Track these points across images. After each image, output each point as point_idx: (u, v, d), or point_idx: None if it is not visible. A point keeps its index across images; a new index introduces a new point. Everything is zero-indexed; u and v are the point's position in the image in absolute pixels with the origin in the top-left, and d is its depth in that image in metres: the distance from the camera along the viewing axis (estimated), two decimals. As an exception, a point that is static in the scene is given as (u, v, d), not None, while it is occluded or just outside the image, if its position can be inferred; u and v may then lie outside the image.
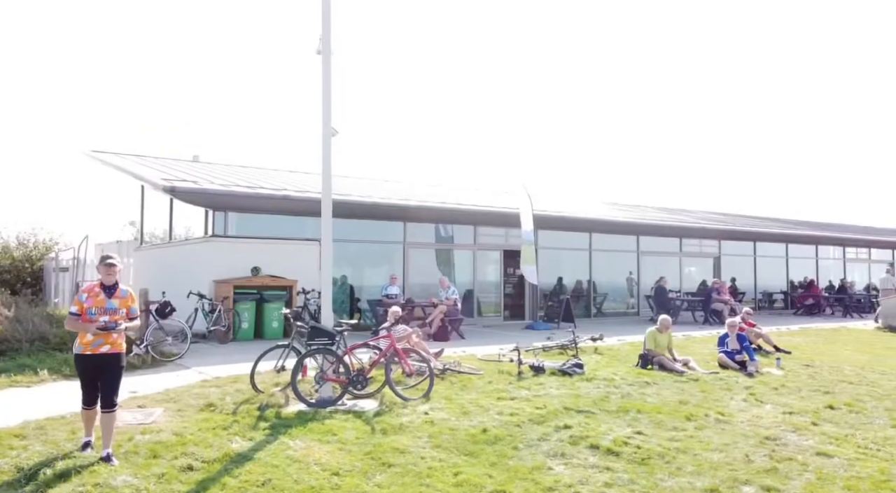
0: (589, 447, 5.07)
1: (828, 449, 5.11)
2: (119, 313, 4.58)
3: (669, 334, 9.10)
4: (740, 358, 8.87)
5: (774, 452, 5.03)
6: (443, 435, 5.30)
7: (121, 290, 4.65)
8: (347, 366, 6.45)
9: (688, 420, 5.89)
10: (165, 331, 8.88)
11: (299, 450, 4.84)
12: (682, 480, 4.41)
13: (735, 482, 4.38)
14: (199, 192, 10.93)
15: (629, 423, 5.76)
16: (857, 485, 4.34)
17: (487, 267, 16.66)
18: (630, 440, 5.24)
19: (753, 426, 5.76)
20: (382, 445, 5.01)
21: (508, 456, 4.87)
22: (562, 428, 5.53)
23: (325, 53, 6.61)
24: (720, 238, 21.52)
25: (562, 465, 4.71)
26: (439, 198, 15.09)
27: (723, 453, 4.97)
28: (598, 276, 18.95)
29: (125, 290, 4.68)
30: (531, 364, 7.97)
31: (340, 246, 14.66)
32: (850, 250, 27.09)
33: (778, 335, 13.35)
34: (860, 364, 9.60)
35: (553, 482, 4.35)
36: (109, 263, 4.60)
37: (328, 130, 6.66)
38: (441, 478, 4.40)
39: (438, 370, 7.60)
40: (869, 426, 5.91)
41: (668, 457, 4.85)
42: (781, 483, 4.37)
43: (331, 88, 6.65)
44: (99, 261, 4.68)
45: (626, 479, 4.43)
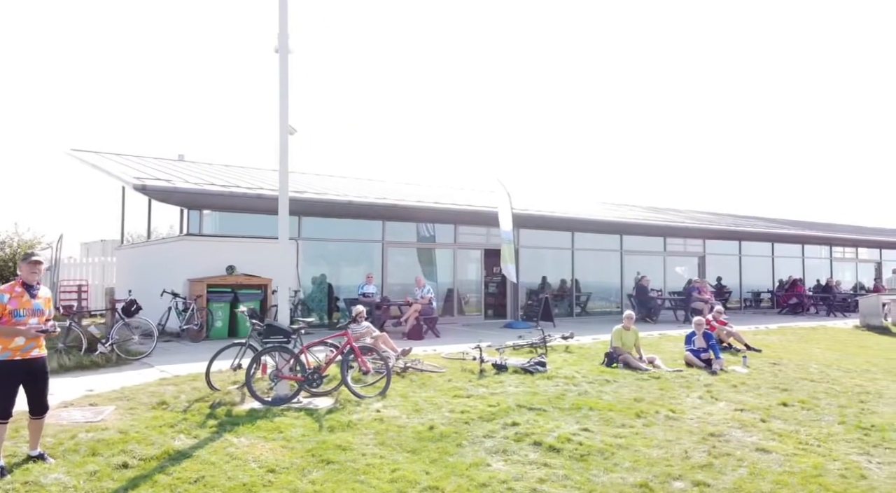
0: (532, 444, 5.10)
1: (768, 445, 5.15)
2: (46, 314, 4.46)
3: (635, 332, 9.13)
4: (706, 356, 8.92)
5: (715, 448, 5.07)
6: (389, 433, 5.32)
7: (42, 289, 4.48)
8: (303, 364, 6.46)
9: (637, 417, 5.92)
10: (132, 329, 8.87)
11: (242, 447, 4.86)
12: (616, 475, 4.45)
13: (668, 478, 4.41)
14: (171, 190, 10.92)
15: (578, 420, 5.79)
16: (787, 480, 4.38)
17: (468, 266, 16.69)
18: (575, 436, 5.27)
19: (702, 423, 5.80)
20: (326, 442, 5.03)
21: (450, 453, 4.89)
22: (509, 425, 5.55)
23: (283, 51, 6.61)
24: (704, 237, 21.60)
25: (501, 461, 4.74)
26: (417, 197, 15.09)
27: (663, 449, 5.01)
28: (584, 275, 19.01)
29: (45, 289, 4.54)
30: (494, 363, 7.99)
31: (320, 245, 14.73)
32: (837, 250, 27.17)
33: (754, 334, 13.42)
34: (827, 362, 9.66)
35: (488, 479, 4.38)
36: (36, 260, 4.43)
37: (285, 128, 6.68)
38: (377, 475, 4.42)
39: (399, 369, 7.62)
40: (817, 422, 5.95)
41: (608, 453, 4.88)
42: (713, 478, 4.41)
43: (288, 86, 6.66)
44: (23, 258, 4.49)
45: (561, 475, 4.46)
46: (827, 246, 26.48)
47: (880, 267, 28.84)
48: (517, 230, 16.99)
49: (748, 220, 26.64)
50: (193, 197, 11.52)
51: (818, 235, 24.90)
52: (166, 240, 13.15)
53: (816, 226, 28.96)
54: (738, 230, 21.50)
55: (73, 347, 8.29)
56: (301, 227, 13.69)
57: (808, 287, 23.60)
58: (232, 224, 13.28)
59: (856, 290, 26.20)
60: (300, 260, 13.52)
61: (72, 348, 8.24)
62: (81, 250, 22.61)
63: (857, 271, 28.36)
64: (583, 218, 17.28)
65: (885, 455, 4.99)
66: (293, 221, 13.83)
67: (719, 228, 20.95)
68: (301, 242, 13.55)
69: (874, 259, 29.10)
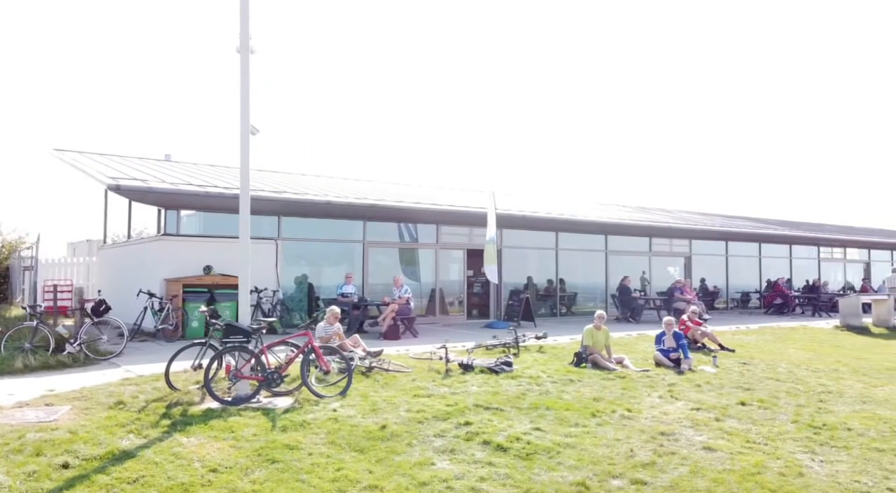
0: (481, 444, 5.13)
1: (716, 444, 5.18)
2: None
3: (606, 332, 9.16)
4: (675, 356, 8.95)
5: (662, 447, 5.09)
6: (341, 432, 5.34)
7: None
8: (263, 364, 6.48)
9: (593, 417, 5.95)
10: (101, 329, 8.87)
11: (190, 447, 4.87)
12: (557, 474, 4.47)
13: (607, 476, 4.44)
14: (145, 190, 10.92)
15: (533, 420, 5.81)
16: (725, 478, 4.40)
17: (451, 266, 16.71)
18: (525, 436, 5.29)
19: (655, 422, 5.82)
20: (276, 442, 5.04)
21: (398, 452, 4.91)
22: (462, 425, 5.57)
23: (244, 51, 6.62)
24: (690, 237, 21.64)
25: (447, 461, 4.76)
26: (398, 197, 15.10)
27: (610, 448, 5.03)
28: (570, 275, 19.05)
29: None
30: (460, 363, 8.01)
31: (301, 245, 14.73)
32: (825, 250, 27.22)
33: (732, 334, 13.49)
34: (798, 362, 9.70)
35: (429, 477, 4.40)
36: None
37: (246, 128, 6.68)
38: (320, 474, 4.44)
39: (365, 369, 7.64)
40: (771, 421, 5.98)
41: (554, 452, 4.90)
42: (652, 476, 4.43)
43: (249, 86, 6.67)
44: None
45: (503, 474, 4.48)
46: (815, 246, 26.53)
47: (869, 267, 28.93)
48: (500, 231, 17.05)
49: (736, 220, 26.70)
50: (170, 197, 11.52)
51: (805, 236, 24.97)
52: (144, 240, 13.15)
53: (804, 226, 29.05)
54: (722, 230, 21.55)
55: (39, 347, 8.28)
56: (281, 227, 13.70)
57: (796, 288, 23.68)
58: (216, 224, 13.33)
59: (844, 290, 26.30)
60: (280, 260, 13.53)
61: (39, 349, 8.23)
62: (68, 250, 22.57)
63: (845, 271, 28.42)
64: (566, 218, 17.31)
65: (830, 454, 5.03)
66: (272, 221, 13.86)
67: (703, 228, 21.00)
68: (281, 242, 13.57)
69: (863, 259, 29.18)
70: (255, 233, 13.75)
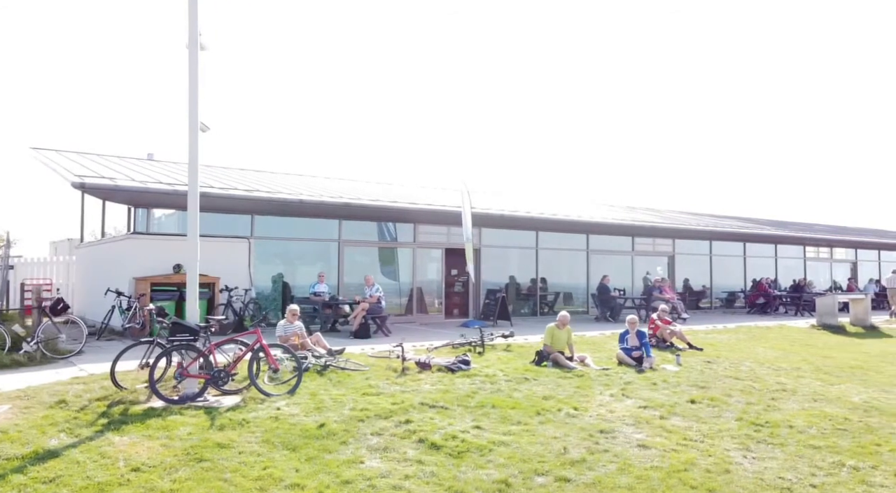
0: (416, 442, 5.10)
1: (652, 442, 5.16)
2: None
3: (568, 330, 9.14)
4: (637, 354, 8.94)
5: (597, 444, 5.07)
6: (279, 430, 5.31)
7: None
8: (210, 362, 6.44)
9: (537, 415, 5.92)
10: (60, 328, 8.82)
11: (119, 447, 4.83)
12: (483, 472, 4.45)
13: (533, 474, 4.42)
14: (111, 188, 10.86)
15: (476, 418, 5.79)
16: (649, 474, 4.39)
17: (429, 265, 16.68)
18: (463, 434, 5.26)
19: (599, 420, 5.80)
20: (209, 440, 5.01)
21: (331, 450, 4.88)
22: (402, 423, 5.55)
23: (192, 47, 6.58)
24: (673, 237, 21.64)
25: (377, 459, 4.73)
26: (373, 196, 15.06)
27: (544, 446, 5.01)
28: (555, 275, 19.04)
29: None
30: (417, 361, 7.98)
31: (277, 243, 14.67)
32: (811, 250, 27.25)
33: (706, 333, 13.48)
34: (763, 361, 9.70)
35: (354, 475, 4.37)
36: None
37: (195, 125, 6.64)
38: (245, 473, 4.41)
39: (321, 367, 7.61)
40: (715, 419, 5.97)
41: (486, 450, 4.88)
42: (577, 474, 4.41)
43: (198, 83, 6.63)
44: None
45: (429, 472, 4.45)
46: (801, 246, 26.55)
47: (856, 267, 28.98)
48: (479, 230, 17.03)
49: (723, 219, 26.69)
50: (138, 195, 11.47)
51: (791, 235, 24.97)
52: (115, 239, 13.10)
53: (791, 226, 29.07)
54: (706, 230, 21.51)
55: (-5, 346, 8.23)
56: (254, 225, 13.66)
57: (784, 287, 23.71)
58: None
59: (831, 290, 26.34)
60: (254, 259, 13.49)
61: (-6, 348, 8.18)
62: (50, 249, 22.51)
63: (831, 270, 28.45)
64: (545, 218, 17.27)
65: (764, 451, 5.01)
66: (246, 219, 13.81)
67: (685, 227, 20.97)
68: (254, 240, 13.52)
69: (850, 259, 29.22)
70: (229, 231, 13.87)
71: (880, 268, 29.35)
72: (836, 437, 5.42)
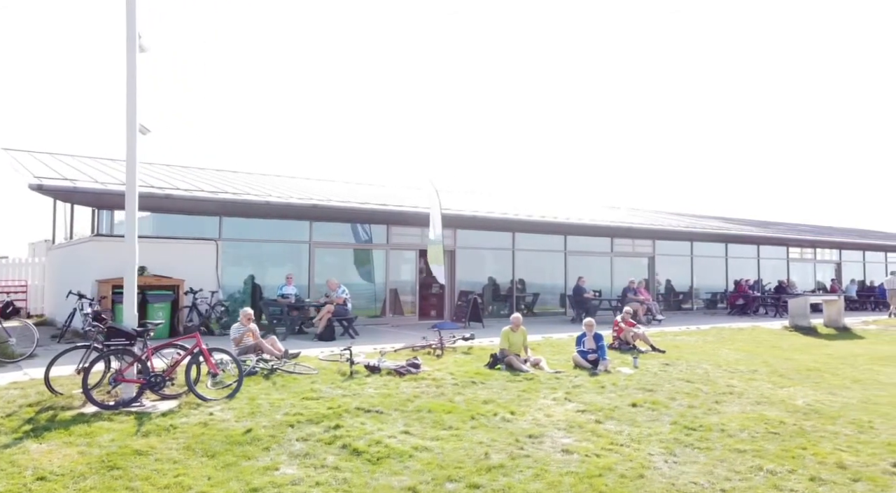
0: (339, 448, 5.06)
1: (577, 446, 5.13)
2: None
3: (523, 332, 9.11)
4: (593, 357, 8.92)
5: (522, 449, 5.04)
6: (204, 436, 5.25)
7: None
8: (147, 366, 6.38)
9: (471, 419, 5.89)
10: (9, 332, 8.74)
11: (35, 454, 4.78)
12: (395, 479, 4.41)
13: (445, 480, 4.38)
14: (70, 189, 10.78)
15: (409, 423, 5.75)
16: (562, 480, 4.36)
17: (402, 267, 16.64)
18: (389, 439, 5.22)
19: (532, 425, 5.77)
20: (128, 447, 4.95)
21: (250, 457, 4.84)
22: (332, 428, 5.50)
23: (131, 49, 6.52)
24: (652, 238, 21.62)
25: (295, 466, 4.69)
26: (344, 197, 15.00)
27: (467, 451, 4.97)
28: (535, 276, 19.02)
29: None
30: (367, 364, 7.94)
31: (247, 245, 14.59)
32: (795, 250, 27.29)
33: (675, 335, 13.46)
34: (722, 363, 9.68)
35: (264, 483, 4.33)
36: None
37: (133, 127, 6.58)
38: (155, 481, 4.36)
39: (268, 371, 7.56)
40: (651, 422, 5.94)
41: (407, 456, 4.84)
42: (490, 480, 4.38)
43: (136, 84, 6.56)
44: None
45: (342, 479, 4.41)
46: (784, 247, 26.59)
47: (840, 268, 29.06)
48: (453, 231, 17.00)
49: (708, 221, 26.68)
50: (98, 197, 11.38)
51: (772, 236, 25.01)
52: (80, 241, 13.01)
53: (774, 226, 29.12)
54: (685, 231, 21.49)
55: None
56: (222, 227, 13.58)
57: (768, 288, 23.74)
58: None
59: (814, 290, 26.40)
60: (221, 261, 13.43)
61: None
62: (28, 250, 22.39)
63: (815, 271, 28.50)
64: (521, 219, 17.25)
65: (688, 455, 4.98)
66: (214, 221, 13.73)
67: (664, 228, 20.95)
68: (222, 242, 13.45)
69: (833, 260, 29.29)
70: (196, 233, 13.80)
71: (864, 268, 29.46)
72: (766, 441, 5.40)
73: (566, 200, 34.38)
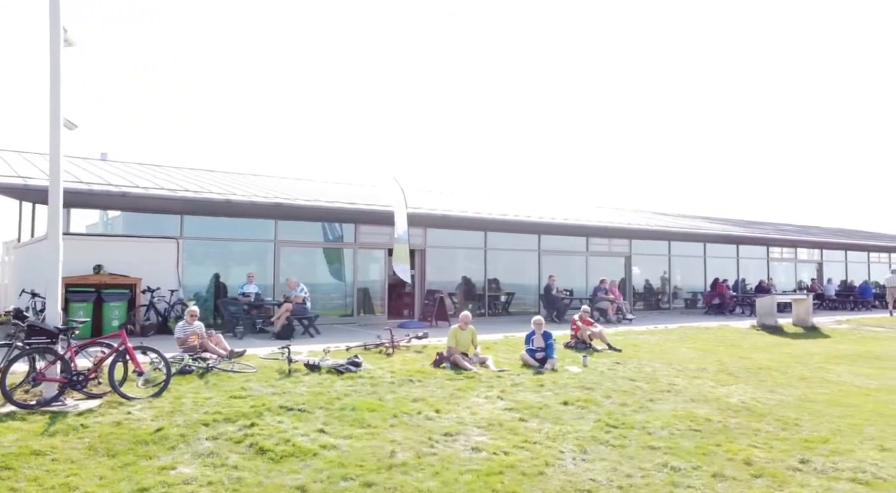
0: (246, 447, 4.98)
1: (489, 444, 5.07)
2: None
3: (472, 331, 9.05)
4: (541, 355, 8.86)
5: (432, 448, 4.97)
6: (112, 436, 5.17)
7: None
8: (69, 365, 6.28)
9: (393, 417, 5.82)
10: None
11: (-71, 453, 4.67)
12: (289, 477, 4.34)
13: (340, 479, 4.31)
14: (21, 188, 10.65)
15: (328, 421, 5.67)
16: (459, 478, 4.31)
17: (371, 266, 16.55)
18: (300, 438, 5.15)
19: (454, 423, 5.70)
20: (28, 448, 4.86)
21: (151, 457, 4.75)
22: (247, 427, 5.42)
23: (55, 44, 6.43)
24: (629, 237, 21.59)
25: (194, 465, 4.60)
26: (310, 195, 14.90)
27: (374, 450, 4.90)
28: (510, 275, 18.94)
29: None
30: (306, 363, 7.85)
31: (212, 244, 14.47)
32: (776, 250, 27.32)
33: (638, 334, 13.40)
34: (675, 361, 9.64)
35: (155, 483, 4.25)
36: None
37: (57, 122, 6.48)
38: (43, 482, 4.27)
39: (203, 369, 7.46)
40: (576, 420, 5.88)
41: (311, 455, 4.77)
42: (387, 479, 4.31)
43: (60, 79, 6.46)
44: None
45: (236, 478, 4.34)
46: (764, 246, 26.61)
47: (821, 267, 29.12)
48: (424, 230, 16.93)
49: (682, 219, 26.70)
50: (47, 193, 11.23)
51: (751, 236, 25.01)
52: (37, 239, 12.88)
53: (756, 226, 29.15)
54: (659, 230, 21.46)
55: None
56: (184, 226, 13.46)
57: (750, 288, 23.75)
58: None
59: (795, 290, 26.46)
60: (184, 259, 13.31)
61: None
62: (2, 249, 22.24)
63: (796, 271, 28.56)
64: (493, 218, 17.17)
65: (599, 452, 4.93)
66: (174, 219, 13.61)
67: (639, 228, 20.89)
68: (183, 240, 13.33)
69: (815, 259, 29.36)
70: (157, 232, 13.67)
71: (846, 268, 29.54)
72: (684, 438, 5.35)
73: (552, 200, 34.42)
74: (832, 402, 6.97)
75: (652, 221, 23.97)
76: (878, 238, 32.89)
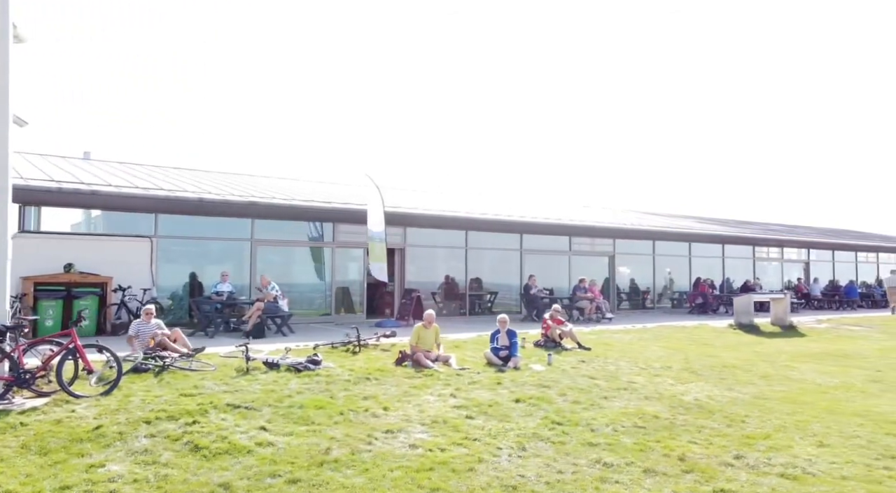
0: (183, 444, 4.95)
1: (427, 442, 5.05)
2: None
3: (436, 329, 9.03)
4: (504, 354, 8.85)
5: (368, 445, 4.95)
6: (49, 434, 5.13)
7: None
8: (16, 363, 6.23)
9: (339, 415, 5.80)
10: None
11: None
12: (217, 475, 4.32)
13: (267, 476, 4.28)
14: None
15: (273, 419, 5.65)
16: (388, 474, 4.31)
17: (350, 265, 16.51)
18: (239, 435, 5.12)
19: (399, 421, 5.68)
20: (-41, 445, 4.81)
21: (84, 455, 4.72)
22: (189, 424, 5.39)
23: (3, 39, 6.38)
24: (613, 237, 21.59)
25: (126, 463, 4.57)
26: (288, 194, 14.87)
27: (310, 447, 4.88)
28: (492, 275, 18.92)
29: None
30: (266, 361, 7.82)
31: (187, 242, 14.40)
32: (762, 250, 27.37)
33: (612, 333, 13.41)
34: (642, 360, 9.63)
35: (79, 481, 4.22)
36: None
37: (6, 119, 6.42)
38: (-33, 478, 4.22)
39: (158, 367, 7.42)
40: (523, 418, 5.87)
41: (245, 452, 4.74)
42: (314, 475, 4.29)
43: (8, 74, 6.41)
44: None
45: (163, 475, 4.31)
46: (750, 246, 26.64)
47: (808, 267, 29.20)
48: (403, 229, 16.90)
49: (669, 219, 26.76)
50: (22, 193, 11.18)
51: (736, 235, 25.06)
52: (9, 238, 12.78)
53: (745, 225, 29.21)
54: (642, 230, 21.50)
55: None
56: (158, 224, 13.39)
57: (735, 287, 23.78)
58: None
59: (782, 290, 26.53)
60: (158, 258, 13.25)
61: None
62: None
63: (782, 271, 28.61)
64: (473, 217, 17.18)
65: (537, 449, 4.92)
66: (149, 218, 13.54)
67: (623, 227, 20.96)
68: (158, 239, 13.27)
69: (802, 259, 29.43)
70: (130, 230, 13.61)
71: (834, 268, 29.62)
72: (626, 435, 5.34)
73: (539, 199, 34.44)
74: (786, 399, 6.98)
75: (639, 220, 24.01)
76: (866, 238, 33.03)
